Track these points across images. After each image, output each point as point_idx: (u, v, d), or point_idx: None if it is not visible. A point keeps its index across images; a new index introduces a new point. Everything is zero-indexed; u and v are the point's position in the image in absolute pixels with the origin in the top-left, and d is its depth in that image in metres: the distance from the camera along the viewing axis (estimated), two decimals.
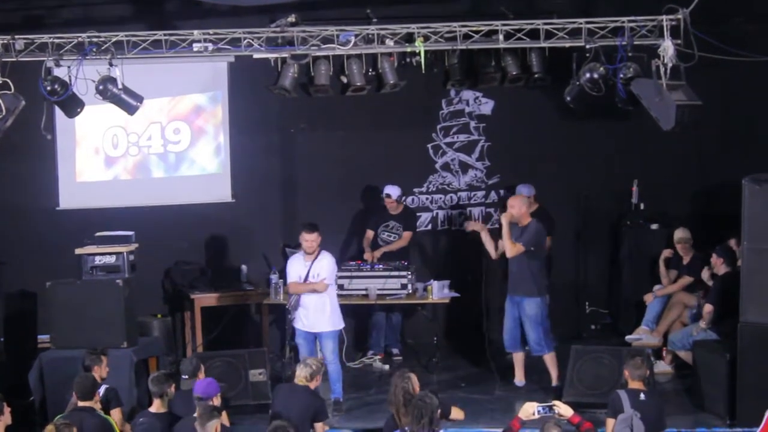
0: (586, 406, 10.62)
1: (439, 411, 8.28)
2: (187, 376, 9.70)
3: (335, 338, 11.45)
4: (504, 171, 14.24)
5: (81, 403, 9.20)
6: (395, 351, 13.37)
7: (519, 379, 12.05)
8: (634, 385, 9.37)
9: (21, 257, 12.89)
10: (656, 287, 12.92)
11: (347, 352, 13.31)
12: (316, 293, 11.29)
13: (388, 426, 8.94)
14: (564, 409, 8.35)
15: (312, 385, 9.66)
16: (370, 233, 13.44)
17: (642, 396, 9.25)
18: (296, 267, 11.44)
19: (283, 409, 9.40)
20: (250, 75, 13.29)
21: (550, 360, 11.77)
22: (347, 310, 13.13)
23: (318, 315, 11.36)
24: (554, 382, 11.71)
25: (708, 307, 11.72)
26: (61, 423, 8.25)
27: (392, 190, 13.28)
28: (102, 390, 9.66)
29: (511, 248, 11.58)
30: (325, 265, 11.37)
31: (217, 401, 9.11)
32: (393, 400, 8.87)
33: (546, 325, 11.79)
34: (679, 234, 12.81)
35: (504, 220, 11.65)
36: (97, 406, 9.32)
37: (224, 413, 9.18)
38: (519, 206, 11.74)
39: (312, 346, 11.50)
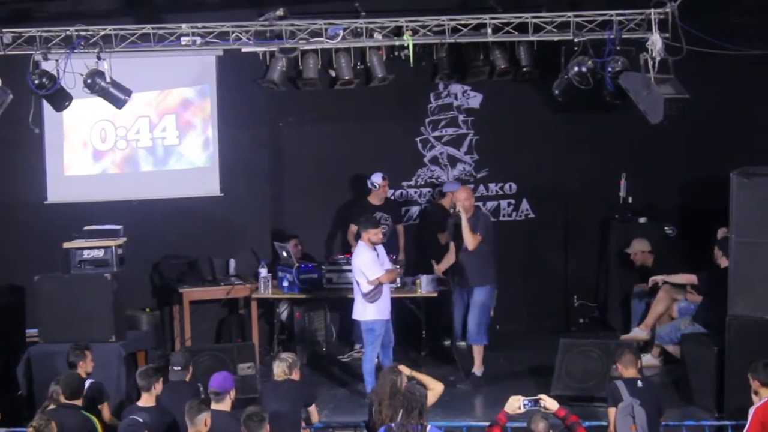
0: (574, 399, 10.67)
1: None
2: (179, 367, 9.67)
3: None
4: (492, 164, 14.23)
5: (66, 401, 9.15)
6: None
7: (477, 368, 12.01)
8: (629, 374, 9.53)
9: (9, 251, 12.88)
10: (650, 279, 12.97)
11: (335, 346, 13.33)
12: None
13: (370, 418, 8.96)
14: (550, 403, 8.35)
15: (294, 377, 9.62)
16: (353, 227, 13.32)
17: (639, 383, 9.43)
18: (373, 257, 11.52)
19: (275, 406, 9.35)
20: (239, 69, 13.24)
21: (480, 350, 11.89)
22: (335, 304, 13.19)
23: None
24: (475, 369, 11.87)
25: (691, 277, 11.84)
26: (41, 422, 8.13)
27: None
28: (87, 384, 9.64)
29: (473, 240, 11.73)
30: (383, 253, 11.76)
31: (233, 395, 9.08)
32: (379, 391, 8.87)
33: (488, 315, 11.93)
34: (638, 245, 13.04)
35: (463, 214, 11.74)
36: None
37: None
38: (467, 197, 11.94)
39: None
